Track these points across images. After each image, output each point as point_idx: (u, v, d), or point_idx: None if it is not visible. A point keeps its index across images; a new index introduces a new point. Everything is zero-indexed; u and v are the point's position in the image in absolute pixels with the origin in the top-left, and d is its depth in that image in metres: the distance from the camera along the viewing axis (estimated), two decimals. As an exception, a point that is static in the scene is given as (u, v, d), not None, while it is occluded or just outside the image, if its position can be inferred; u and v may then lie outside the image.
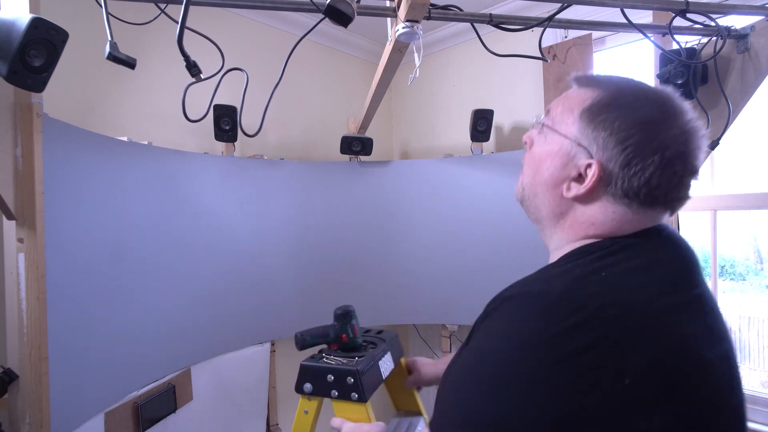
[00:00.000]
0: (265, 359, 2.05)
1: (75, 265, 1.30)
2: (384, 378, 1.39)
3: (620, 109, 0.57)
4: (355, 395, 1.24)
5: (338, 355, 1.37)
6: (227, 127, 1.90)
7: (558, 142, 0.63)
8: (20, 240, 1.13)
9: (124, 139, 1.58)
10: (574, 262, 0.57)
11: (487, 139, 2.21)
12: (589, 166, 0.58)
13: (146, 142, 1.66)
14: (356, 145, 2.25)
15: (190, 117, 1.20)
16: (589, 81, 0.63)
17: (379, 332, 1.61)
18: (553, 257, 0.65)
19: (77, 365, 1.29)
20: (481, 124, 2.18)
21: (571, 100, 0.63)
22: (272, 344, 2.11)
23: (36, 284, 1.13)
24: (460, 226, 2.26)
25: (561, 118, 0.63)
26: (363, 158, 2.36)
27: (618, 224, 0.59)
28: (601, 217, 0.59)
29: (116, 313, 1.44)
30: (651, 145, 0.55)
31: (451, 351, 2.42)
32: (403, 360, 1.60)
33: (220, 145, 1.98)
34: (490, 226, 2.18)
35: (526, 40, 2.28)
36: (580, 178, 0.60)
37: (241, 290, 1.96)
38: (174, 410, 1.63)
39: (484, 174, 2.21)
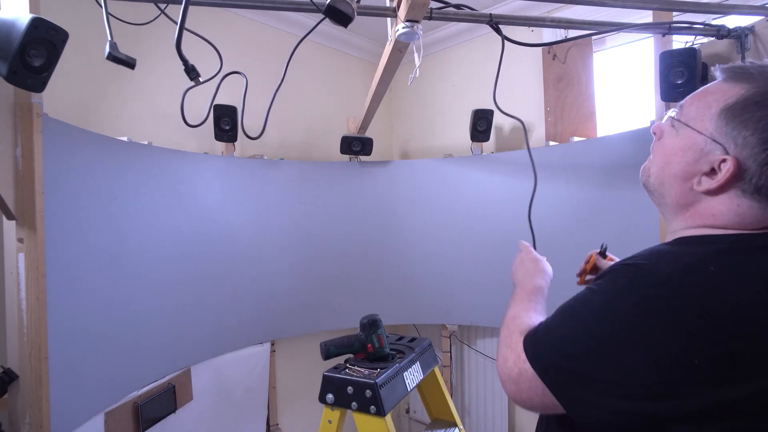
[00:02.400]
0: (265, 359, 2.05)
1: (75, 265, 1.30)
2: (409, 390, 1.38)
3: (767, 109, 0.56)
4: (373, 408, 1.24)
5: (362, 366, 1.36)
6: (227, 127, 1.90)
7: (691, 137, 0.62)
8: (20, 240, 1.13)
9: (124, 139, 1.58)
10: (688, 247, 0.59)
11: (487, 139, 2.21)
12: (723, 161, 0.58)
13: (146, 142, 1.66)
14: (356, 145, 2.25)
15: (191, 118, 1.20)
16: (738, 75, 0.61)
17: (412, 340, 1.60)
18: (669, 239, 0.67)
19: (77, 365, 1.29)
20: (481, 124, 2.18)
21: (710, 96, 0.62)
22: (272, 344, 2.11)
23: (36, 284, 1.13)
24: (460, 226, 2.26)
25: (696, 113, 0.63)
26: (363, 158, 2.35)
27: (739, 217, 0.59)
28: (723, 208, 0.60)
29: (116, 313, 1.44)
30: None
31: (451, 351, 2.43)
32: (437, 369, 1.58)
33: (220, 145, 1.98)
34: (490, 226, 2.18)
35: (526, 39, 2.27)
36: (712, 172, 0.60)
37: (241, 290, 1.96)
38: (174, 410, 1.63)
39: (484, 174, 2.21)
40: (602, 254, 1.00)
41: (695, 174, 0.62)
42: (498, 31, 1.29)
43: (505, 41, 1.28)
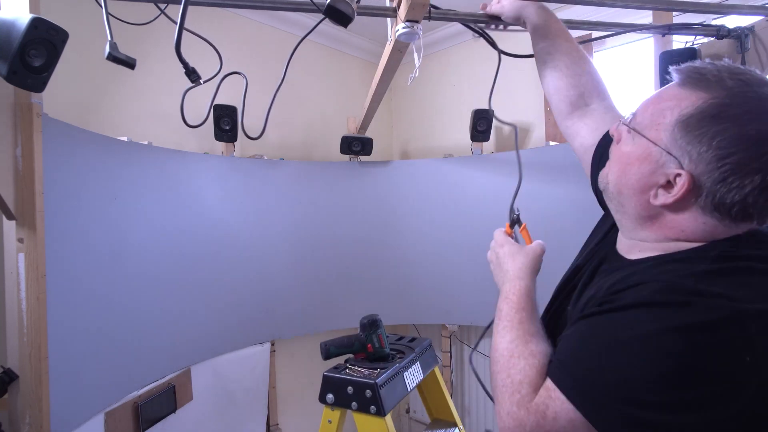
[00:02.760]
0: (265, 359, 2.05)
1: (75, 265, 1.30)
2: (409, 390, 1.38)
3: (724, 124, 0.53)
4: (373, 408, 1.24)
5: (362, 366, 1.37)
6: (227, 127, 1.90)
7: (646, 147, 0.60)
8: (20, 240, 1.13)
9: (124, 139, 1.58)
10: (685, 261, 0.57)
11: (487, 139, 2.21)
12: (678, 175, 0.56)
13: (146, 142, 1.66)
14: (356, 145, 2.25)
15: (191, 118, 1.20)
16: (695, 81, 0.57)
17: (412, 340, 1.61)
18: (637, 248, 0.65)
19: (77, 365, 1.29)
20: (481, 124, 2.18)
21: (664, 102, 0.60)
22: (272, 344, 2.11)
23: (36, 284, 1.13)
24: (460, 226, 2.26)
25: (651, 122, 0.60)
26: (363, 158, 2.35)
27: (708, 234, 0.58)
28: (690, 225, 0.58)
29: (116, 313, 1.44)
30: (753, 165, 0.52)
31: (451, 351, 2.43)
32: (437, 369, 1.59)
33: (220, 145, 1.98)
34: (490, 226, 2.17)
35: (527, 39, 2.27)
36: (668, 185, 0.58)
37: (241, 290, 1.96)
38: (174, 410, 1.63)
39: (484, 174, 2.21)
40: (515, 223, 0.91)
41: (652, 186, 0.60)
42: (491, 43, 1.29)
43: (502, 54, 1.29)
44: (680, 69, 0.60)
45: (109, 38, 0.90)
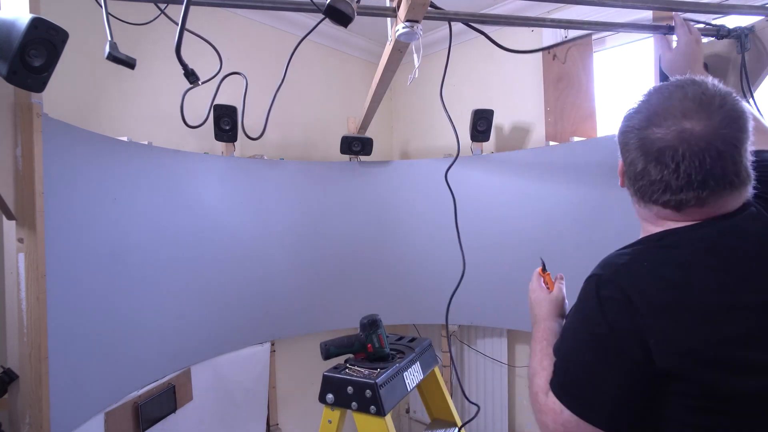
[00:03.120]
0: (265, 359, 2.05)
1: (75, 265, 1.30)
2: (409, 390, 1.38)
3: (624, 120, 0.74)
4: (373, 408, 1.24)
5: (362, 366, 1.37)
6: (227, 127, 1.90)
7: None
8: (20, 240, 1.13)
9: (124, 139, 1.58)
10: (634, 248, 0.72)
11: (487, 139, 2.21)
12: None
13: (146, 142, 1.66)
14: (356, 145, 2.25)
15: (191, 118, 1.20)
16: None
17: (412, 340, 1.61)
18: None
19: (77, 365, 1.29)
20: (481, 124, 2.18)
21: None
22: (272, 344, 2.11)
23: (36, 284, 1.13)
24: (460, 225, 2.26)
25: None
26: (363, 158, 2.35)
27: (653, 221, 0.73)
28: (644, 212, 0.75)
29: (116, 313, 1.44)
30: (631, 143, 0.71)
31: (450, 351, 2.42)
32: (437, 369, 1.59)
33: (220, 145, 1.98)
34: (489, 226, 2.18)
35: (526, 39, 2.27)
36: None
37: (241, 290, 1.96)
38: (174, 410, 1.63)
39: (484, 174, 2.21)
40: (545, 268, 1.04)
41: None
42: (493, 41, 1.29)
43: (503, 50, 1.29)
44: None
45: (109, 38, 0.90)
